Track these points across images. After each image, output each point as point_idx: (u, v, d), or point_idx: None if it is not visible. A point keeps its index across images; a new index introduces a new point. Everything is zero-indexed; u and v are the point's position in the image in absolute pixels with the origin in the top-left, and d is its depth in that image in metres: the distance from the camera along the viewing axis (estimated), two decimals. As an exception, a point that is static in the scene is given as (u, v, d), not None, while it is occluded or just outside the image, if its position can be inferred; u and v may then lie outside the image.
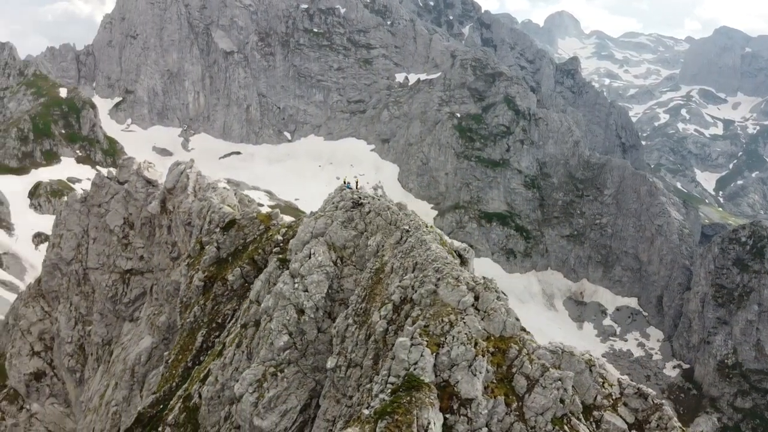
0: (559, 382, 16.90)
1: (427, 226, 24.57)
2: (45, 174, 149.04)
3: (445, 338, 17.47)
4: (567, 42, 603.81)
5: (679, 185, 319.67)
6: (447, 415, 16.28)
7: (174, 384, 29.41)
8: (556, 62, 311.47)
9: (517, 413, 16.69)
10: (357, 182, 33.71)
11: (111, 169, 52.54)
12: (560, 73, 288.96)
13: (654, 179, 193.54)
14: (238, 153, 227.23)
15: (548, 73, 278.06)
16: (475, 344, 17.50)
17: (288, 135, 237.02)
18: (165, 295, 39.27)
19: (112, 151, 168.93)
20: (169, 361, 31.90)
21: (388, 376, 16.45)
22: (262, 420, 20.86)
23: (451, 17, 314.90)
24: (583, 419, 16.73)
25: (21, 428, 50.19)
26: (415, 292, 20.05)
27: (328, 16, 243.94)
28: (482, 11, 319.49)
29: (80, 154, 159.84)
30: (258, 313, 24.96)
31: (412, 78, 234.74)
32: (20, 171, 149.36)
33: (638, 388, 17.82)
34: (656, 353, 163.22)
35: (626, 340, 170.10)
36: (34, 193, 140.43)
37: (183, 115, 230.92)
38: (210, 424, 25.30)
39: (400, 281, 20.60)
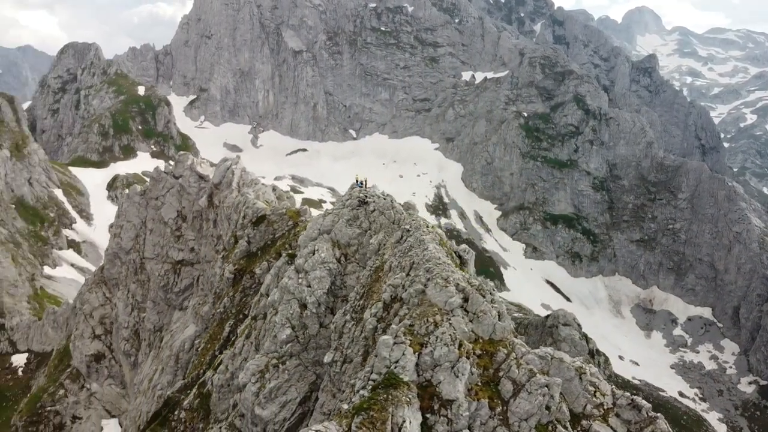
0: (546, 388, 16.31)
1: (427, 227, 24.25)
2: (122, 168, 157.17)
3: (429, 338, 17.26)
4: (647, 39, 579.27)
5: (765, 190, 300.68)
6: (428, 415, 16.13)
7: (201, 371, 30.47)
8: (632, 60, 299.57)
9: (501, 417, 16.26)
10: (365, 181, 33.71)
11: (159, 164, 54.91)
12: (636, 71, 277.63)
13: (733, 183, 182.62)
14: (305, 150, 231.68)
15: (623, 71, 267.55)
16: (460, 346, 17.16)
17: (353, 133, 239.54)
18: (209, 286, 40.66)
19: (184, 147, 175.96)
20: (199, 349, 33.11)
21: (371, 373, 16.45)
22: (262, 409, 21.35)
23: (522, 14, 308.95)
24: (569, 428, 16.05)
25: (81, 406, 53.39)
26: (405, 291, 19.91)
27: (396, 14, 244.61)
28: (555, 8, 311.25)
29: (155, 149, 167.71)
30: (266, 306, 25.53)
31: (479, 76, 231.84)
32: (100, 164, 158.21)
33: (632, 399, 16.89)
34: (731, 367, 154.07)
35: (698, 352, 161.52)
36: (111, 185, 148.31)
37: (253, 112, 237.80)
38: (220, 410, 26.10)
39: (391, 280, 20.57)
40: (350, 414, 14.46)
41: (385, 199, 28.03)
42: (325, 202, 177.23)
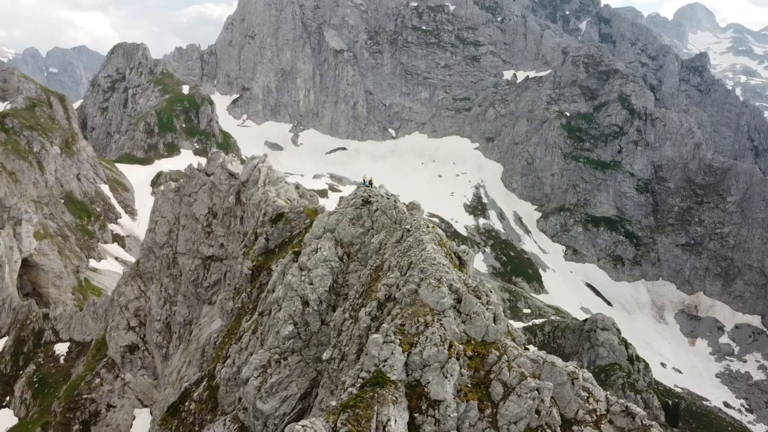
0: (536, 392, 15.98)
1: (427, 227, 24.09)
2: (166, 164, 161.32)
3: (419, 338, 17.13)
4: (699, 36, 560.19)
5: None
6: (415, 415, 16.05)
7: (215, 364, 31.06)
8: (682, 58, 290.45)
9: (490, 420, 16.03)
10: (371, 181, 33.69)
11: (200, 161, 56.25)
12: (686, 70, 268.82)
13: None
14: (344, 149, 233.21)
15: (672, 70, 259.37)
16: (450, 346, 16.98)
17: (393, 132, 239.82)
18: (235, 281, 41.43)
19: (226, 145, 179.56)
20: (217, 343, 33.79)
21: (360, 371, 16.46)
22: (263, 403, 21.69)
23: (567, 12, 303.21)
24: (560, 433, 15.76)
25: (115, 395, 55.11)
26: (399, 290, 19.86)
27: (437, 13, 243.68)
28: (601, 5, 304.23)
29: (197, 146, 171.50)
30: (271, 302, 25.85)
31: (521, 75, 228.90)
32: (145, 161, 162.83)
33: (626, 407, 16.36)
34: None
35: (745, 361, 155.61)
36: (155, 181, 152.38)
37: (294, 111, 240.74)
38: (227, 403, 26.58)
39: (387, 279, 20.54)
40: (337, 411, 14.57)
41: (388, 198, 28.05)
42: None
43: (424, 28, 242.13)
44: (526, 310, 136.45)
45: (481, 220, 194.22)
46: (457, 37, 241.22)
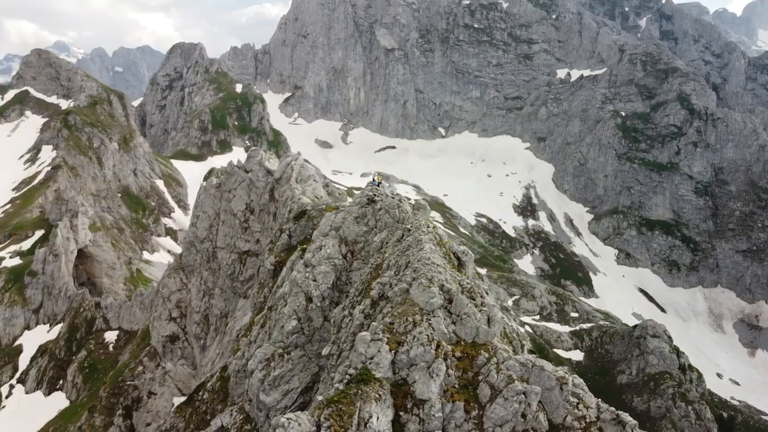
0: (523, 396, 15.58)
1: (427, 227, 23.83)
2: (218, 161, 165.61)
3: (406, 337, 17.01)
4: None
5: None
6: (401, 413, 16.01)
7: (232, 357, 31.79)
8: (750, 56, 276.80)
9: (476, 422, 15.78)
10: (381, 180, 33.61)
11: (240, 158, 57.54)
12: (754, 68, 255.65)
13: None
14: (393, 147, 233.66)
15: (738, 68, 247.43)
16: (437, 346, 16.77)
17: (442, 131, 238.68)
18: (261, 276, 42.15)
19: (276, 143, 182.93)
20: (239, 336, 34.50)
21: (348, 368, 16.50)
22: (266, 396, 22.03)
23: (626, 8, 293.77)
24: (546, 438, 15.32)
25: (156, 383, 57.06)
26: (392, 289, 19.78)
27: (490, 11, 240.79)
28: (663, 1, 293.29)
29: (249, 144, 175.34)
30: (279, 297, 26.19)
31: (575, 74, 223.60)
32: (199, 158, 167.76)
33: (617, 414, 15.73)
34: None
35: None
36: (207, 178, 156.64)
37: (344, 110, 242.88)
38: (237, 394, 27.14)
39: (381, 278, 20.48)
40: (322, 406, 14.73)
41: (393, 198, 28.01)
42: (409, 199, 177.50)
43: (476, 26, 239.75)
44: (574, 314, 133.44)
45: (531, 221, 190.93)
46: (509, 35, 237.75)
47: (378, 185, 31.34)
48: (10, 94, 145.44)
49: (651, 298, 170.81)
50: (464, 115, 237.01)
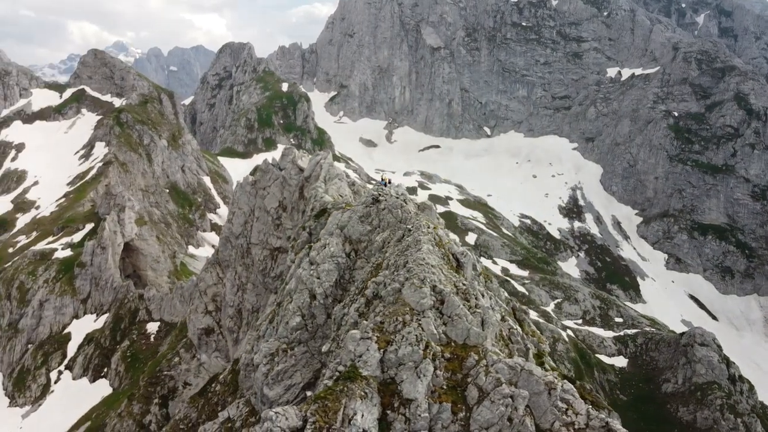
0: (510, 399, 15.23)
1: (428, 227, 23.55)
2: (263, 159, 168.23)
3: (395, 337, 16.91)
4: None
5: None
6: (388, 411, 15.96)
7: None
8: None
9: (463, 423, 15.54)
10: (389, 180, 33.52)
11: (269, 156, 58.35)
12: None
13: None
14: (437, 147, 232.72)
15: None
16: (426, 347, 16.59)
17: (488, 130, 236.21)
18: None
19: (320, 141, 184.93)
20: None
21: (338, 365, 16.55)
22: (270, 390, 22.27)
23: (683, 5, 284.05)
24: (532, 443, 14.92)
25: (191, 374, 58.54)
26: (385, 288, 19.68)
27: (539, 8, 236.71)
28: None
29: (293, 142, 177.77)
30: (285, 293, 26.39)
31: (626, 73, 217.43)
32: (245, 155, 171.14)
33: (606, 422, 15.14)
34: None
35: None
36: (252, 175, 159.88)
37: (389, 108, 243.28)
38: (245, 387, 27.50)
39: (375, 277, 20.38)
40: (310, 401, 14.87)
41: (397, 198, 27.86)
42: (451, 199, 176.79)
43: (524, 24, 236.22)
44: (618, 319, 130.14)
45: (577, 224, 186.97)
46: (558, 33, 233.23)
47: (385, 185, 31.32)
48: (68, 93, 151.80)
49: (702, 306, 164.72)
50: (510, 114, 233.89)
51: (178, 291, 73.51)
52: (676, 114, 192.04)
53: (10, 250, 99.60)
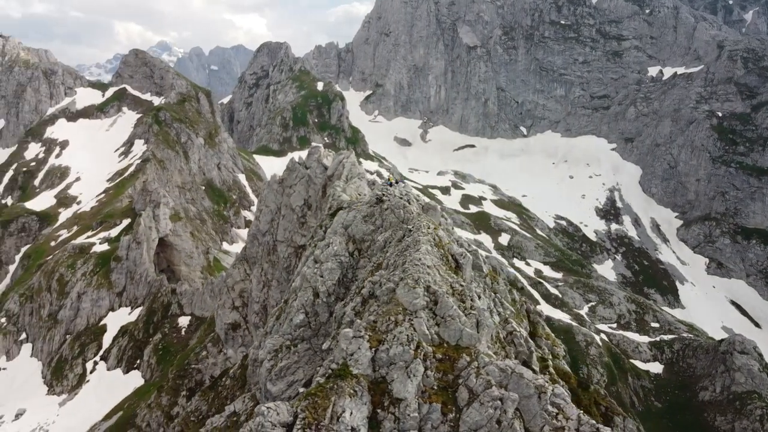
0: (499, 402, 15.00)
1: (428, 228, 23.35)
2: (297, 157, 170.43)
3: (387, 336, 16.86)
4: None
5: None
6: (378, 410, 16.00)
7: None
8: None
9: (452, 424, 15.40)
10: (396, 180, 33.38)
11: (301, 154, 58.87)
12: None
13: None
14: (472, 146, 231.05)
15: None
16: (417, 347, 16.49)
17: (524, 130, 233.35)
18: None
19: (354, 140, 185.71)
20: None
21: (332, 363, 16.62)
22: (273, 385, 22.47)
23: (730, 2, 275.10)
24: (522, 447, 14.65)
25: (218, 368, 59.59)
26: (380, 288, 19.61)
27: (578, 6, 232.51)
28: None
29: (327, 141, 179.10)
30: (291, 291, 26.56)
31: (667, 72, 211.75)
32: (279, 153, 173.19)
33: (597, 428, 14.80)
34: None
35: None
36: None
37: (424, 107, 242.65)
38: (253, 382, 27.80)
39: (372, 276, 20.33)
40: (302, 398, 15.01)
41: (401, 198, 27.76)
42: (485, 199, 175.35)
43: (562, 22, 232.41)
44: (654, 324, 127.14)
45: (614, 226, 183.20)
46: (598, 31, 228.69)
47: (391, 185, 31.33)
48: (110, 92, 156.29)
49: (744, 312, 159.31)
50: (547, 113, 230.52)
51: (209, 286, 74.93)
52: (719, 114, 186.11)
53: (52, 243, 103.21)
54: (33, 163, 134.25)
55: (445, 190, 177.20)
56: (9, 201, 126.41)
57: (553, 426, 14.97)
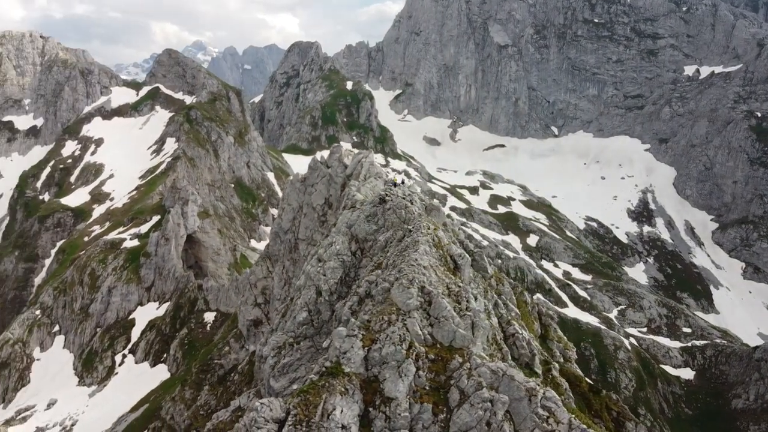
0: (489, 403, 14.85)
1: (428, 228, 23.21)
2: (320, 156, 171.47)
3: (380, 335, 16.84)
4: None
5: None
6: (370, 409, 16.09)
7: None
8: None
9: (443, 425, 15.34)
10: (402, 181, 33.29)
11: (324, 154, 59.21)
12: None
13: None
14: (502, 146, 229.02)
15: None
16: (409, 347, 16.43)
17: (555, 130, 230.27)
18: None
19: (382, 139, 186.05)
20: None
21: (326, 361, 16.70)
22: (275, 382, 22.66)
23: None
24: (511, 449, 14.46)
25: (241, 363, 60.38)
26: (376, 287, 19.59)
27: (612, 4, 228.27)
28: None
29: (356, 140, 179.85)
30: (296, 289, 26.73)
31: (704, 71, 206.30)
32: (308, 152, 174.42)
33: None
34: None
35: None
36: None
37: (454, 107, 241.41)
38: (259, 378, 28.05)
39: (368, 276, 20.31)
40: (295, 394, 15.17)
41: (403, 198, 27.72)
42: (514, 200, 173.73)
43: (596, 20, 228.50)
44: (686, 329, 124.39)
45: (646, 228, 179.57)
46: (632, 29, 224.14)
47: (395, 185, 31.31)
48: (144, 91, 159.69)
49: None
50: (579, 113, 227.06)
51: (234, 283, 75.94)
52: (759, 114, 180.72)
53: (86, 238, 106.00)
54: (69, 160, 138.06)
55: (474, 190, 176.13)
56: (46, 197, 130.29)
57: (543, 429, 14.80)
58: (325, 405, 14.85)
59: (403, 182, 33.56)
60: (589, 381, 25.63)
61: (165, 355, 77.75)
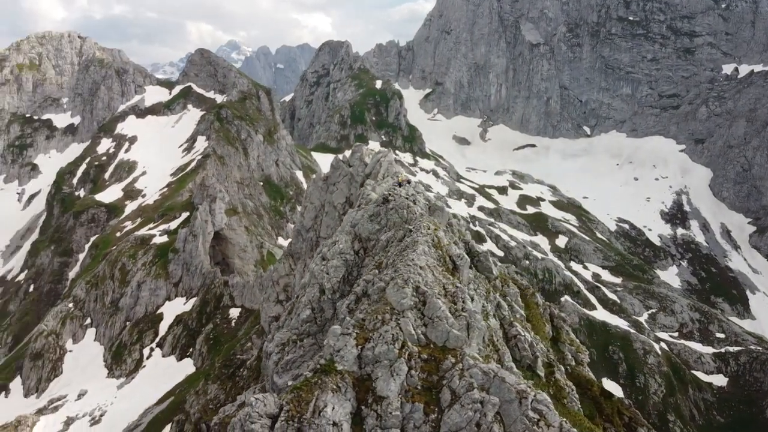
0: (479, 404, 14.73)
1: (428, 228, 23.06)
2: (342, 155, 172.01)
3: (373, 334, 16.85)
4: None
5: None
6: (362, 407, 16.21)
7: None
8: None
9: (434, 425, 15.29)
10: (408, 181, 33.08)
11: (346, 153, 59.37)
12: None
13: None
14: (533, 146, 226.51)
15: None
16: (402, 346, 16.40)
17: (587, 129, 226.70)
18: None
19: (411, 138, 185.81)
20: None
21: (321, 358, 16.80)
22: (279, 378, 22.88)
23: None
24: (500, 451, 14.29)
25: (251, 359, 61.08)
26: (373, 287, 19.55)
27: (647, 2, 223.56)
28: None
29: (384, 139, 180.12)
30: (301, 287, 26.85)
31: (743, 69, 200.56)
32: (336, 151, 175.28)
33: None
34: None
35: None
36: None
37: (484, 106, 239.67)
38: (265, 374, 28.29)
39: (366, 275, 20.28)
40: (289, 391, 15.36)
41: (406, 198, 27.62)
42: (543, 200, 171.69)
43: (631, 18, 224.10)
44: (720, 335, 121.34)
45: (680, 230, 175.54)
46: (669, 27, 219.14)
47: (400, 185, 31.27)
48: (177, 90, 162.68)
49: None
50: (612, 113, 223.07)
51: (258, 280, 76.81)
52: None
53: (118, 234, 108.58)
54: (104, 158, 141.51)
55: (502, 190, 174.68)
56: (81, 193, 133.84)
57: (533, 432, 14.67)
58: (317, 402, 15.01)
59: (409, 182, 33.60)
60: (603, 387, 25.19)
61: (191, 350, 79.07)
